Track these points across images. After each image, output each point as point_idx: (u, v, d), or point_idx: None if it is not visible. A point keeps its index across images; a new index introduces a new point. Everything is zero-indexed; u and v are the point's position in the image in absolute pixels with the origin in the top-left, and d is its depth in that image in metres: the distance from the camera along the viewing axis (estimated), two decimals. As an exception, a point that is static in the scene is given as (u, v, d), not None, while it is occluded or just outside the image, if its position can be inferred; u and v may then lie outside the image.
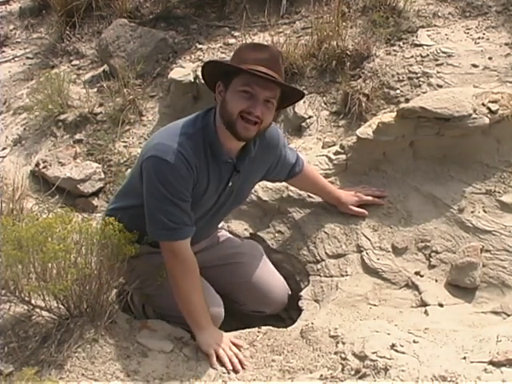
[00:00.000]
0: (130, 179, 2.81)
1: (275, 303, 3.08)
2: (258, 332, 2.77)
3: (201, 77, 2.69)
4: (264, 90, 2.46)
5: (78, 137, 4.26)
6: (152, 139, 2.69)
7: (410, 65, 3.71)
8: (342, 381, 2.28)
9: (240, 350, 2.60)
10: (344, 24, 4.03)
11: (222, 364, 2.51)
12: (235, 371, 2.50)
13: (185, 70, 4.22)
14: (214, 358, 2.52)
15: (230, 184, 2.71)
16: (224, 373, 2.48)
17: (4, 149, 4.35)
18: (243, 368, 2.52)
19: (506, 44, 3.70)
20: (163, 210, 2.53)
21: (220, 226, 3.18)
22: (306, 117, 3.84)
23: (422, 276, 2.93)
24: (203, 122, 2.61)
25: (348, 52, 3.90)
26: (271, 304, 3.08)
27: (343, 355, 2.40)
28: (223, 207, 2.82)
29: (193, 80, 4.11)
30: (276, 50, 2.61)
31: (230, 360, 2.52)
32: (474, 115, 3.03)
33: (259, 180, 2.99)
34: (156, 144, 2.55)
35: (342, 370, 2.33)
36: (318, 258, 3.14)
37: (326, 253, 3.13)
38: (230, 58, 2.64)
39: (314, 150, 3.57)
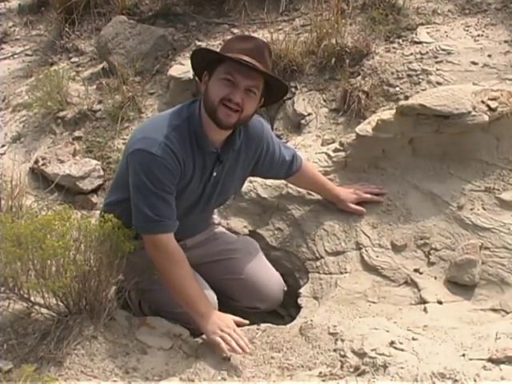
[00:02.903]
0: (118, 173, 2.82)
1: (270, 299, 3.08)
2: (257, 329, 2.77)
3: (190, 67, 2.70)
4: (245, 79, 2.47)
5: (77, 134, 4.26)
6: (137, 132, 2.70)
7: (410, 62, 3.71)
8: (341, 378, 2.29)
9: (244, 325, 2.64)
10: (343, 21, 4.03)
11: (231, 349, 2.49)
12: (244, 352, 2.50)
13: (184, 67, 4.22)
14: (223, 345, 2.49)
15: (215, 174, 2.71)
16: (223, 370, 2.48)
17: (3, 146, 4.35)
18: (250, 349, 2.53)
19: (506, 41, 3.70)
20: (147, 202, 2.53)
21: (217, 222, 3.19)
22: (306, 114, 3.84)
23: (421, 273, 2.93)
24: (188, 112, 2.62)
25: (347, 49, 3.89)
26: (266, 300, 3.07)
27: (342, 352, 2.40)
28: (211, 199, 2.81)
29: (192, 77, 4.10)
30: (262, 42, 2.61)
31: (238, 343, 2.50)
32: (473, 112, 3.03)
33: (249, 174, 2.97)
34: (142, 137, 2.56)
35: (341, 367, 2.34)
36: (317, 255, 3.14)
37: (325, 250, 3.13)
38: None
39: (314, 147, 3.56)
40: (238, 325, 2.63)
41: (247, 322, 2.69)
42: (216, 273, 3.00)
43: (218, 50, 2.63)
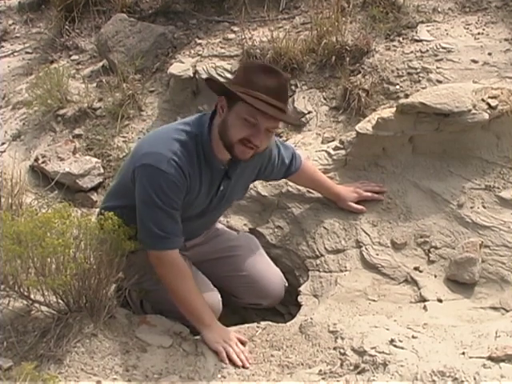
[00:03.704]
0: (120, 180, 2.80)
1: (272, 296, 3.09)
2: (257, 327, 2.78)
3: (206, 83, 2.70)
4: (267, 121, 2.47)
5: (77, 132, 4.26)
6: (143, 143, 2.69)
7: (410, 60, 3.71)
8: (340, 376, 2.29)
9: (244, 346, 2.61)
10: (344, 19, 4.02)
11: (231, 360, 2.51)
12: (244, 367, 2.50)
13: (184, 65, 4.22)
14: (225, 354, 2.52)
15: (222, 188, 2.73)
16: (223, 368, 2.48)
17: (3, 144, 4.35)
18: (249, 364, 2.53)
19: (506, 39, 3.70)
20: (154, 218, 2.54)
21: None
22: (306, 112, 3.84)
23: (421, 271, 2.93)
24: (198, 129, 2.61)
25: (348, 47, 3.89)
26: (268, 297, 3.08)
27: (342, 350, 2.41)
28: (216, 209, 2.85)
29: (192, 75, 4.11)
30: (285, 77, 2.56)
31: (239, 356, 2.52)
32: (473, 111, 3.03)
33: (252, 181, 3.00)
34: (149, 152, 2.55)
35: (341, 365, 2.34)
36: (318, 253, 3.14)
37: (325, 248, 3.13)
38: (238, 72, 2.66)
39: (314, 145, 3.56)
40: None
41: (247, 340, 2.67)
42: (218, 270, 3.02)
43: (236, 77, 2.58)
